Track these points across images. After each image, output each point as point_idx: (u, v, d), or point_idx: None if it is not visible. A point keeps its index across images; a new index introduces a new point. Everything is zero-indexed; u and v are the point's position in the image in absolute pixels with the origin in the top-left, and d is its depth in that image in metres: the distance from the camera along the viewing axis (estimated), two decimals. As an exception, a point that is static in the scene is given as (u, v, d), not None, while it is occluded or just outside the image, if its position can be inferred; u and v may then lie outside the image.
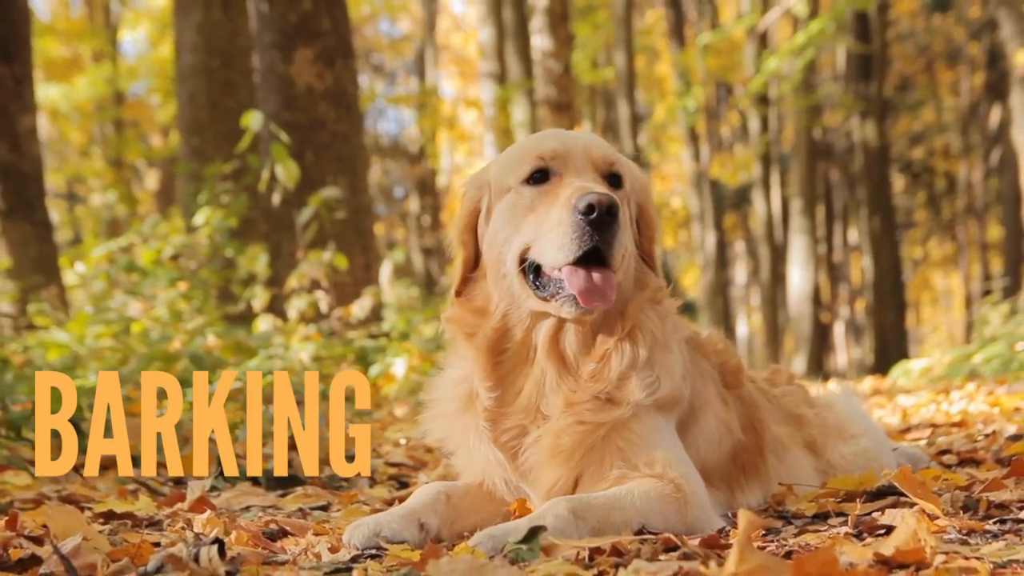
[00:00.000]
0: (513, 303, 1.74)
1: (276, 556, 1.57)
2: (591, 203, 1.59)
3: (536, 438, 1.72)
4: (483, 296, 1.78)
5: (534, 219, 1.69)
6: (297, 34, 6.44)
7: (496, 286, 1.76)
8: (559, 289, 1.66)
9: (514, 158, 1.78)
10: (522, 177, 1.73)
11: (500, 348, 1.74)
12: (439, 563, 1.19)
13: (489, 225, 1.78)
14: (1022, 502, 1.71)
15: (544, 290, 1.69)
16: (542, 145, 1.76)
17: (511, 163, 1.78)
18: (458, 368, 1.83)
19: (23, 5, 6.27)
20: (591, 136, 1.82)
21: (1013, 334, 7.03)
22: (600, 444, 1.69)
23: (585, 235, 1.60)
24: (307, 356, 5.40)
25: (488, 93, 12.97)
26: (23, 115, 6.13)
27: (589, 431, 1.68)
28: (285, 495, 2.39)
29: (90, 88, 16.83)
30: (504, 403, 1.74)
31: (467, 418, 1.79)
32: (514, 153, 1.81)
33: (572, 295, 1.63)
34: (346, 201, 6.30)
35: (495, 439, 1.74)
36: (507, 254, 1.73)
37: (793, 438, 2.14)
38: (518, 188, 1.74)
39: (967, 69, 22.21)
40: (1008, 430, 3.07)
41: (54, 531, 1.52)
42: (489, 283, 1.77)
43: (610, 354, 1.71)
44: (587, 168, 1.73)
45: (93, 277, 6.45)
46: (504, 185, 1.77)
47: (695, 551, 1.39)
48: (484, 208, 1.80)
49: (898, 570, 1.24)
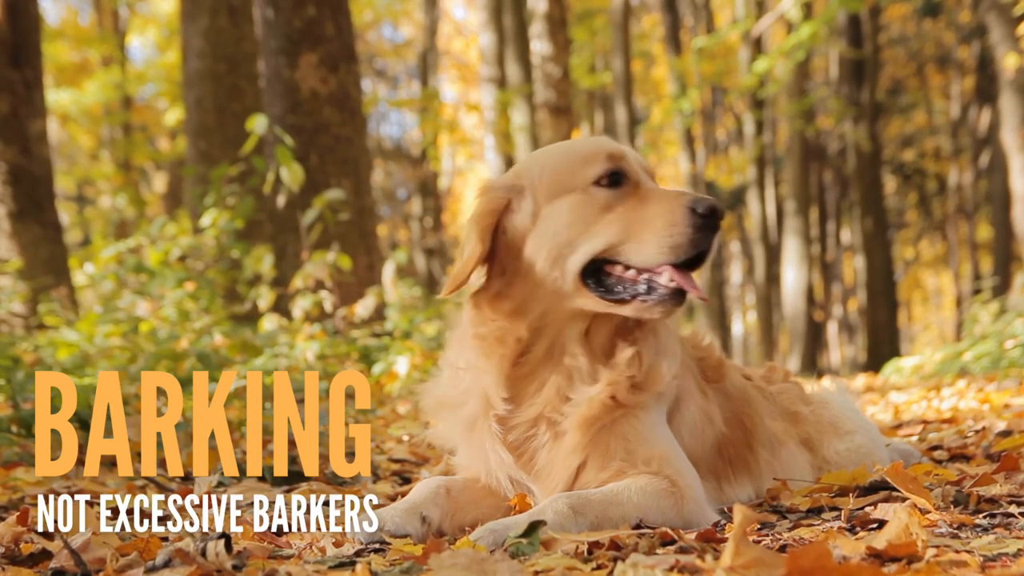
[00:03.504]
0: (558, 303, 1.71)
1: (282, 550, 1.58)
2: (713, 208, 1.62)
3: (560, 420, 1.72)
4: (519, 299, 1.73)
5: (617, 220, 1.66)
6: (302, 39, 6.48)
7: (544, 287, 1.71)
8: (649, 288, 1.66)
9: (576, 158, 1.73)
10: (592, 178, 1.69)
11: (526, 351, 1.73)
12: (441, 557, 1.18)
13: (537, 227, 1.71)
14: (1012, 497, 1.72)
15: (614, 293, 1.68)
16: (609, 151, 1.72)
17: (573, 163, 1.72)
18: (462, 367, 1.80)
19: (33, 11, 6.27)
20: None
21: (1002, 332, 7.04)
22: (608, 431, 1.71)
23: (701, 238, 1.62)
24: (311, 355, 5.45)
25: (488, 97, 13.02)
26: (33, 119, 6.16)
27: (614, 408, 1.71)
28: (290, 491, 2.36)
29: (99, 93, 16.75)
30: (518, 402, 1.74)
31: (473, 418, 1.78)
32: (570, 155, 1.75)
33: (671, 291, 1.64)
34: (350, 203, 6.35)
35: (504, 440, 1.74)
36: (570, 256, 1.68)
37: (788, 433, 2.15)
38: (588, 189, 1.69)
39: (957, 73, 22.34)
40: (998, 426, 3.04)
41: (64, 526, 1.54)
42: (532, 284, 1.72)
43: (640, 341, 1.75)
44: (647, 176, 1.74)
45: (102, 277, 6.51)
46: (565, 186, 1.71)
47: (692, 545, 1.40)
48: (526, 210, 1.73)
49: (890, 563, 1.25)
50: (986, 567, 1.21)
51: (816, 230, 21.89)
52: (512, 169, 1.85)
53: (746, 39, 16.63)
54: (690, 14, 21.69)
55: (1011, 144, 11.28)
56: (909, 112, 23.61)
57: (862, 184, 18.97)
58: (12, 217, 6.02)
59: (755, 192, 18.54)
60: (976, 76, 21.07)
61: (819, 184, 22.58)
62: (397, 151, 25.57)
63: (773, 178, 20.00)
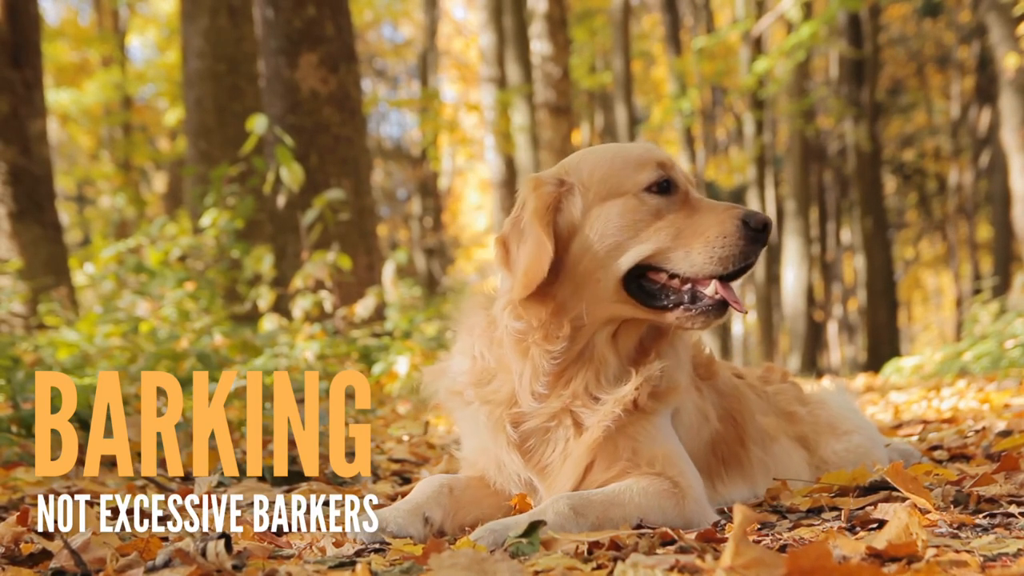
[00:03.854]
0: (595, 306, 1.72)
1: (282, 550, 1.58)
2: (765, 222, 1.65)
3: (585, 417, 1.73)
4: (560, 299, 1.72)
5: (666, 227, 1.68)
6: (302, 40, 6.48)
7: (585, 288, 1.71)
8: (693, 297, 1.68)
9: (628, 162, 1.74)
10: (644, 184, 1.71)
11: (564, 350, 1.73)
12: (441, 557, 1.19)
13: (585, 227, 1.71)
14: (1011, 496, 1.72)
15: (657, 299, 1.70)
16: (659, 158, 1.75)
17: (622, 168, 1.73)
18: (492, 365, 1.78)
19: (33, 11, 6.28)
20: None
21: (1002, 332, 7.04)
22: (619, 431, 1.72)
23: (751, 251, 1.65)
24: (311, 355, 5.46)
25: (488, 97, 13.04)
26: (33, 119, 6.17)
27: (632, 413, 1.73)
28: (290, 491, 2.36)
29: (99, 93, 16.76)
30: (544, 398, 1.74)
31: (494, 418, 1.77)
32: (622, 158, 1.75)
33: (716, 303, 1.67)
34: (350, 203, 6.36)
35: (516, 439, 1.75)
36: (618, 259, 1.69)
37: (780, 429, 2.16)
38: (639, 195, 1.71)
39: (957, 73, 22.35)
40: (998, 426, 3.06)
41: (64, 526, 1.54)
42: (572, 285, 1.72)
43: (665, 354, 1.78)
44: (690, 185, 1.75)
45: (102, 277, 6.52)
46: (616, 189, 1.72)
47: (692, 545, 1.40)
48: (574, 209, 1.73)
49: (890, 563, 1.25)
50: (986, 567, 1.21)
51: (816, 230, 21.90)
52: (559, 165, 1.84)
53: (746, 39, 16.63)
54: (690, 14, 21.70)
55: (1011, 144, 11.29)
56: (909, 112, 23.63)
57: (862, 184, 18.98)
58: (12, 217, 6.03)
59: (755, 192, 18.55)
60: (976, 76, 21.08)
61: (819, 184, 22.59)
62: (397, 151, 25.59)
63: (773, 178, 20.01)
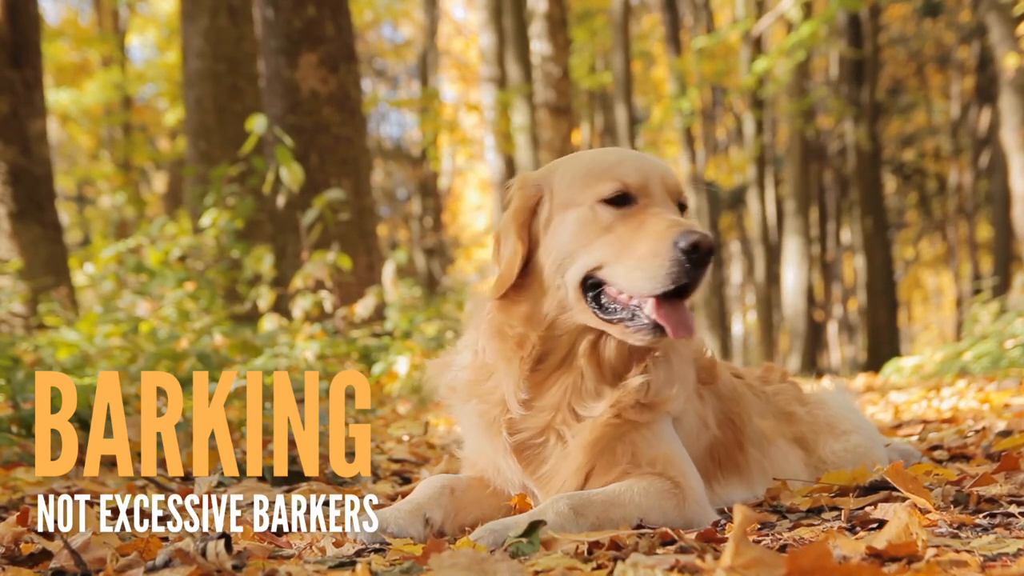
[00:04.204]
0: (563, 313, 1.72)
1: (282, 550, 1.58)
2: (697, 243, 1.58)
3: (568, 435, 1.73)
4: (531, 303, 1.74)
5: (612, 241, 1.66)
6: (302, 40, 6.49)
7: (549, 295, 1.72)
8: (633, 315, 1.64)
9: (590, 173, 1.72)
10: (600, 196, 1.68)
11: (542, 358, 1.73)
12: (441, 557, 1.19)
13: (548, 233, 1.73)
14: (1012, 496, 1.72)
15: (608, 312, 1.67)
16: (623, 166, 1.71)
17: (586, 178, 1.71)
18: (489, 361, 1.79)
19: (33, 11, 6.28)
20: (665, 164, 1.78)
21: (1002, 332, 7.03)
22: (616, 439, 1.73)
23: (682, 272, 1.58)
24: (311, 355, 5.47)
25: (489, 97, 13.04)
26: (33, 119, 6.17)
27: (617, 426, 1.72)
28: (290, 491, 2.36)
29: (99, 93, 16.75)
30: (532, 407, 1.74)
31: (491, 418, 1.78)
32: (589, 167, 1.73)
33: (651, 324, 1.62)
34: (350, 203, 6.36)
35: (513, 445, 1.75)
36: (569, 268, 1.69)
37: (778, 431, 2.15)
38: (594, 206, 1.68)
39: (957, 73, 22.35)
40: (998, 426, 3.06)
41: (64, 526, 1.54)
42: (541, 290, 1.73)
43: (651, 368, 1.74)
44: (665, 197, 1.70)
45: (102, 277, 6.52)
46: (574, 199, 1.71)
47: (692, 545, 1.40)
48: (544, 214, 1.74)
49: (890, 563, 1.25)
50: (986, 567, 1.22)
51: (816, 230, 21.91)
52: (546, 167, 1.85)
53: (746, 39, 16.63)
54: (690, 14, 21.70)
55: (1011, 144, 11.30)
56: (909, 112, 23.63)
57: (862, 184, 18.99)
58: (12, 217, 6.03)
59: (755, 192, 18.55)
60: (976, 76, 21.09)
61: (819, 184, 22.60)
62: (397, 151, 25.60)
63: (773, 178, 20.02)
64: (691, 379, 1.87)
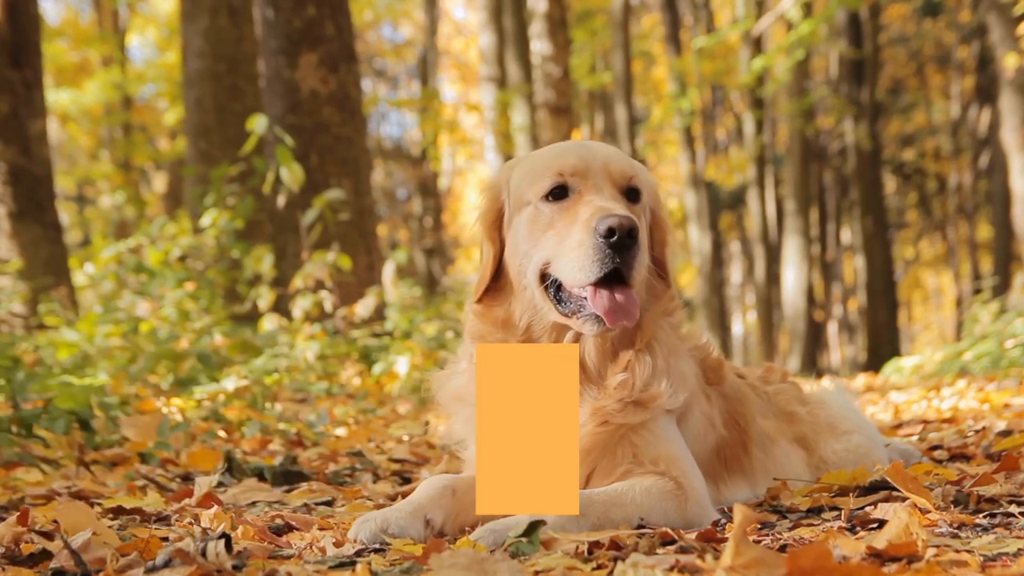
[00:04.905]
0: (536, 314, 1.74)
1: (282, 550, 1.58)
2: (611, 227, 1.58)
3: None
4: (506, 306, 1.77)
5: (554, 236, 1.68)
6: (302, 40, 6.50)
7: (519, 297, 1.75)
8: (580, 307, 1.66)
9: (534, 171, 1.75)
10: (541, 193, 1.71)
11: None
12: (441, 557, 1.18)
13: (509, 234, 1.77)
14: (1012, 496, 1.72)
15: (565, 306, 1.69)
16: (561, 160, 1.72)
17: (531, 176, 1.75)
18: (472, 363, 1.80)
19: (33, 11, 6.28)
20: (610, 150, 1.79)
21: (1002, 332, 7.03)
22: (615, 442, 1.73)
23: (606, 257, 1.59)
24: (312, 355, 5.48)
25: (488, 97, 13.04)
26: (33, 119, 6.17)
27: (611, 432, 1.72)
28: (290, 491, 2.37)
29: (99, 93, 16.77)
30: None
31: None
32: (534, 165, 1.77)
33: (594, 314, 1.63)
34: (350, 203, 6.37)
35: None
36: (528, 268, 1.72)
37: (780, 431, 2.16)
38: (537, 204, 1.71)
39: (957, 73, 22.37)
40: (998, 426, 3.06)
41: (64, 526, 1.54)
42: (513, 293, 1.76)
43: (633, 364, 1.74)
44: (606, 184, 1.71)
45: (102, 277, 6.53)
46: (523, 199, 1.75)
47: (692, 545, 1.40)
48: (506, 215, 1.79)
49: (890, 563, 1.25)
50: (986, 567, 1.22)
51: (816, 230, 21.91)
52: (505, 164, 1.89)
53: (746, 39, 16.63)
54: (690, 14, 21.70)
55: (1011, 144, 11.30)
56: (909, 112, 23.64)
57: (862, 184, 18.99)
58: (12, 217, 6.03)
59: (755, 192, 18.56)
60: (976, 76, 21.10)
61: (819, 184, 22.60)
62: (397, 151, 25.62)
63: (773, 178, 20.03)
64: (690, 375, 1.86)
